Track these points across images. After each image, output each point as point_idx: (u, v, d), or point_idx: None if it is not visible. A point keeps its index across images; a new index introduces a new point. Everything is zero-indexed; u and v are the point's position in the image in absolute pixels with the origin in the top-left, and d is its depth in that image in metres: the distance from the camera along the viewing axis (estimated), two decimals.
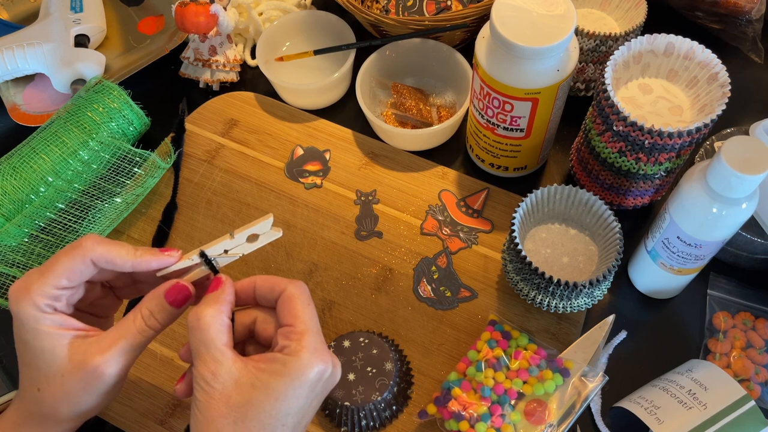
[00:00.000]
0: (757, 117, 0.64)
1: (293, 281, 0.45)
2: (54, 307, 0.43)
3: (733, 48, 0.76)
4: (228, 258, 0.46)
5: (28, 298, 0.42)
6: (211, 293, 0.44)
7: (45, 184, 0.65)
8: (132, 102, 0.69)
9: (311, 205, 0.68)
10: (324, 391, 0.44)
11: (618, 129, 0.55)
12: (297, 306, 0.43)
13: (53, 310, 0.43)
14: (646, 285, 0.62)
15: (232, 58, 0.75)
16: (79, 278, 0.43)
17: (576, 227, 0.60)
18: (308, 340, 0.42)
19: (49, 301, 0.42)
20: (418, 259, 0.64)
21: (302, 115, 0.74)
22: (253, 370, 0.41)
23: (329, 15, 0.75)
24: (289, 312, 0.43)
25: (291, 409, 0.41)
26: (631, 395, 0.56)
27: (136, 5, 0.83)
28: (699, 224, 0.52)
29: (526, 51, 0.53)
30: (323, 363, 0.42)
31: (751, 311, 0.61)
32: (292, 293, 0.44)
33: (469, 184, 0.68)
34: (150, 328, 0.44)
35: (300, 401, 0.41)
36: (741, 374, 0.58)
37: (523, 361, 0.56)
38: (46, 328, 0.42)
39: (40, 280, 0.42)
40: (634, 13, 0.67)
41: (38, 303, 0.42)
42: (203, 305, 0.42)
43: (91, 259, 0.43)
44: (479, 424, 0.53)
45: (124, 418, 0.58)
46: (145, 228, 0.67)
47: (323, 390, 0.43)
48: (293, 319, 0.43)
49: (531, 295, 0.57)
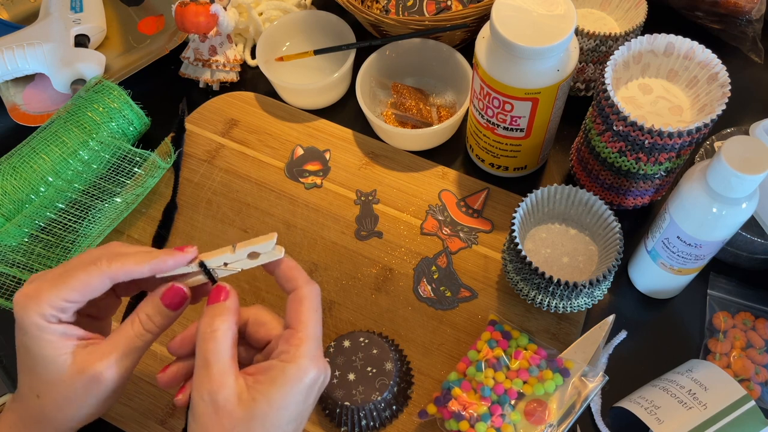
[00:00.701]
0: (757, 117, 0.64)
1: (309, 282, 0.45)
2: (59, 318, 0.43)
3: (733, 48, 0.76)
4: (227, 271, 0.46)
5: (37, 306, 0.42)
6: (222, 303, 0.43)
7: (45, 184, 0.65)
8: (132, 102, 0.69)
9: (311, 205, 0.68)
10: (317, 395, 0.44)
11: (618, 129, 0.55)
12: (305, 310, 0.44)
13: (58, 320, 0.43)
14: (646, 285, 0.62)
15: (232, 58, 0.75)
16: (91, 294, 0.43)
17: (576, 227, 0.60)
18: (307, 347, 0.42)
19: (56, 312, 0.42)
20: (418, 259, 0.64)
21: (302, 115, 0.74)
22: (252, 383, 0.41)
23: (329, 15, 0.75)
24: (296, 315, 0.44)
25: (291, 416, 0.42)
26: (631, 395, 0.56)
27: (136, 5, 0.83)
28: (699, 224, 0.52)
29: (526, 51, 0.53)
30: (318, 370, 0.43)
31: (751, 311, 0.61)
32: (304, 296, 0.44)
33: (469, 184, 0.68)
34: (148, 332, 0.44)
35: (299, 407, 0.42)
36: (741, 374, 0.58)
37: (523, 361, 0.56)
38: (49, 336, 0.42)
39: (52, 291, 0.42)
40: (634, 13, 0.67)
41: (45, 312, 0.42)
42: (219, 317, 0.42)
43: (109, 277, 0.43)
44: (479, 424, 0.53)
45: (124, 418, 0.58)
46: (145, 228, 0.67)
47: (317, 394, 0.44)
48: (298, 323, 0.43)
49: (531, 295, 0.57)
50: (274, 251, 0.45)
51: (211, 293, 0.44)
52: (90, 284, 0.42)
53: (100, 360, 0.42)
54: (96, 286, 0.43)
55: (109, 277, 0.43)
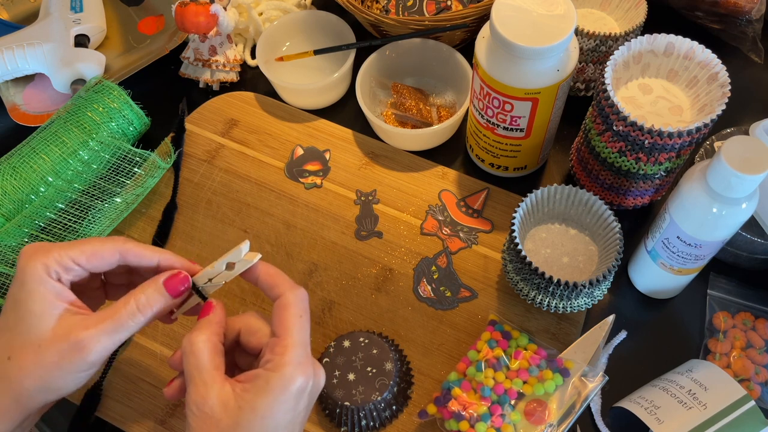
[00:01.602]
0: (757, 117, 0.64)
1: (294, 287, 0.45)
2: (60, 276, 0.43)
3: (733, 48, 0.76)
4: (213, 286, 0.47)
5: (44, 257, 0.42)
6: (203, 318, 0.44)
7: (45, 184, 0.65)
8: (132, 102, 0.69)
9: (311, 205, 0.68)
10: (311, 400, 0.44)
11: (618, 129, 0.55)
12: (289, 317, 0.43)
13: (58, 278, 0.43)
14: (646, 285, 0.62)
15: (232, 58, 0.75)
16: (98, 263, 0.44)
17: (576, 227, 0.60)
18: (292, 354, 0.42)
19: (59, 269, 0.43)
20: (418, 259, 0.64)
21: (302, 115, 0.74)
22: (239, 391, 0.41)
23: (329, 15, 0.75)
24: (281, 321, 0.43)
25: (279, 424, 0.41)
26: (631, 395, 0.56)
27: (136, 5, 0.83)
28: (699, 224, 0.52)
29: (526, 51, 0.53)
30: (305, 376, 0.42)
31: (751, 311, 0.61)
32: (289, 301, 0.44)
33: (469, 184, 0.68)
34: (141, 314, 0.43)
35: (287, 415, 0.42)
36: (741, 374, 0.58)
37: (523, 361, 0.56)
38: (44, 290, 0.42)
39: (62, 249, 0.43)
40: (634, 13, 0.67)
41: (49, 265, 0.42)
42: (196, 331, 0.43)
43: (120, 251, 0.44)
44: (479, 424, 0.53)
45: (124, 418, 0.58)
46: (145, 228, 0.67)
47: (310, 400, 0.44)
48: (282, 330, 0.43)
49: (531, 295, 0.57)
50: (246, 258, 0.45)
51: (201, 312, 0.45)
52: (100, 253, 0.44)
53: (86, 329, 0.42)
54: (105, 257, 0.44)
55: (120, 251, 0.44)
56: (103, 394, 0.59)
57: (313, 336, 0.61)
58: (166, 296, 0.44)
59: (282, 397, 0.41)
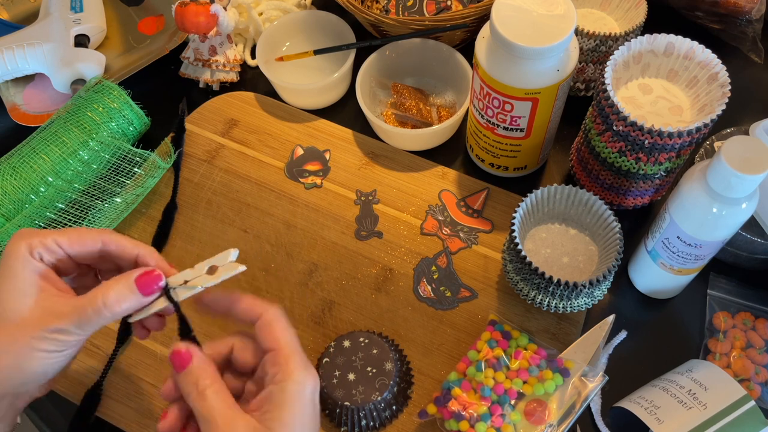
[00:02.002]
0: (757, 117, 0.64)
1: (269, 307, 0.44)
2: (42, 256, 0.44)
3: (733, 48, 0.76)
4: (188, 289, 0.44)
5: (29, 237, 0.44)
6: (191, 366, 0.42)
7: (45, 184, 0.65)
8: (132, 102, 0.69)
9: (311, 205, 0.68)
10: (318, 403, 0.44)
11: (618, 129, 0.55)
12: (279, 330, 0.44)
13: (40, 258, 0.44)
14: (646, 285, 0.62)
15: (232, 58, 0.75)
16: (81, 248, 0.45)
17: (576, 227, 0.60)
18: (296, 360, 0.42)
19: (43, 250, 0.44)
20: (418, 259, 0.64)
21: (302, 115, 0.74)
22: (261, 415, 0.41)
23: (329, 15, 0.75)
24: (271, 336, 0.43)
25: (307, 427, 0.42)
26: (631, 395, 0.56)
27: (136, 5, 0.83)
28: (699, 224, 0.52)
29: (526, 51, 0.53)
30: (314, 377, 0.43)
31: (751, 311, 0.61)
32: (271, 319, 0.44)
33: (469, 184, 0.68)
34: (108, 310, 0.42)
35: (310, 417, 0.42)
36: (741, 374, 0.58)
37: (523, 361, 0.56)
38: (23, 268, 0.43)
39: (48, 234, 0.44)
40: (634, 13, 0.67)
41: (33, 245, 0.43)
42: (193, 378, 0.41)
43: (102, 239, 0.46)
44: (479, 424, 0.53)
45: (124, 418, 0.58)
46: (145, 228, 0.67)
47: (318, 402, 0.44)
48: (276, 343, 0.43)
49: (531, 295, 0.57)
50: (232, 264, 0.44)
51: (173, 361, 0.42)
52: (82, 239, 0.45)
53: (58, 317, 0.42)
54: (87, 243, 0.45)
55: (102, 240, 0.46)
56: (103, 394, 0.58)
57: (313, 336, 0.61)
58: (137, 294, 0.43)
59: (302, 401, 0.42)
